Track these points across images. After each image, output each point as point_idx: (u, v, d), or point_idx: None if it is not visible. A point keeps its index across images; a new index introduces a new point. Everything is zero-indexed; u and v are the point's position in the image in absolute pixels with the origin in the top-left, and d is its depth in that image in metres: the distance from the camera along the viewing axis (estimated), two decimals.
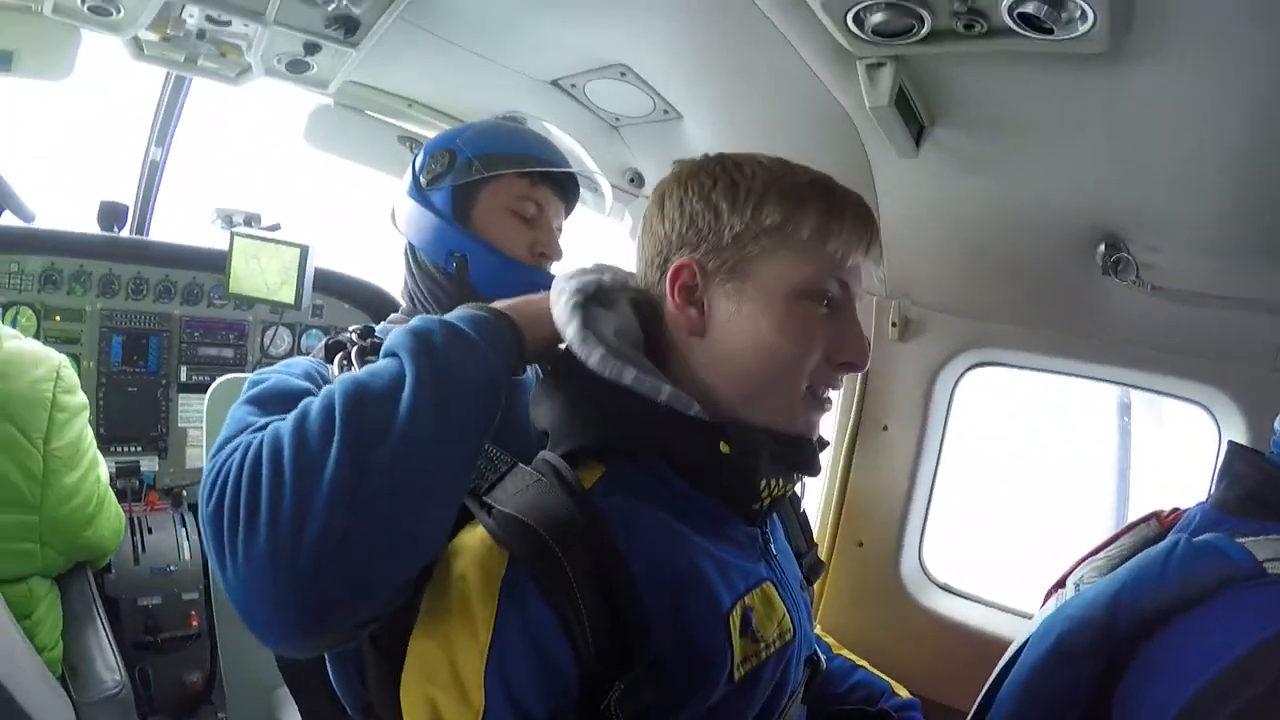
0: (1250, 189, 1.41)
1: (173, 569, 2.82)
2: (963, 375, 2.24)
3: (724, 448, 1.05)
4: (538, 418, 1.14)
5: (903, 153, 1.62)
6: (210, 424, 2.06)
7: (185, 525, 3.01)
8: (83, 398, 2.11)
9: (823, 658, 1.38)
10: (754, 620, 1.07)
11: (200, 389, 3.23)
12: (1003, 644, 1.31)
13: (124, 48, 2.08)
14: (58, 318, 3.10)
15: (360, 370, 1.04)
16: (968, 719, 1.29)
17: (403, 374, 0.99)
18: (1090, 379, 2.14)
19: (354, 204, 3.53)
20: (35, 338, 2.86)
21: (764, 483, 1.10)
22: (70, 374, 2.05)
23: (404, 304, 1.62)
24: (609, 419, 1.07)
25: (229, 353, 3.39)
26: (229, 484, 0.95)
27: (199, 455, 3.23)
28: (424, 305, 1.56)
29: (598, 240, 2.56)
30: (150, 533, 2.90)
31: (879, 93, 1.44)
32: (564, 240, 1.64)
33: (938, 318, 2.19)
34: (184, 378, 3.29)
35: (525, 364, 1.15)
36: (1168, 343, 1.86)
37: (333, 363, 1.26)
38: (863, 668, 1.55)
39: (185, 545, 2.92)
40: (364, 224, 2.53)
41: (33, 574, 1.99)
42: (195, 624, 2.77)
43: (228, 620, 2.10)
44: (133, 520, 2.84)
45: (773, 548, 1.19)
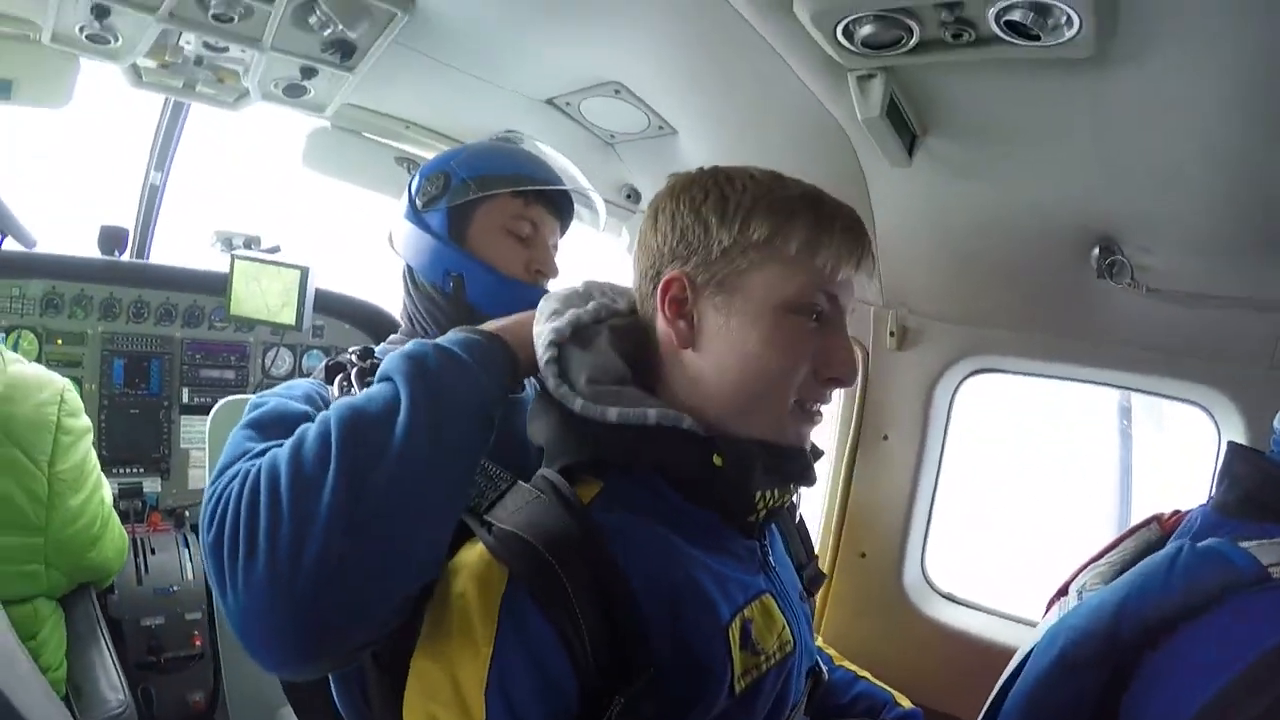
0: (1240, 187, 1.41)
1: (175, 589, 2.81)
2: (962, 383, 2.25)
3: (716, 460, 1.05)
4: (534, 434, 1.15)
5: (896, 163, 1.62)
6: (213, 445, 2.08)
7: (188, 546, 3.00)
8: (86, 421, 2.12)
9: (825, 669, 1.39)
10: (754, 632, 1.07)
11: (202, 410, 3.22)
12: (1007, 652, 1.31)
13: (122, 75, 2.08)
14: (60, 341, 3.10)
15: (356, 395, 1.07)
16: None
17: (397, 398, 1.01)
18: (1089, 383, 2.14)
19: (353, 225, 3.54)
20: (37, 361, 2.88)
21: (759, 494, 1.10)
22: (74, 397, 2.07)
23: (403, 325, 1.63)
24: (601, 439, 1.06)
25: (230, 374, 3.39)
26: (228, 512, 0.97)
27: (201, 476, 3.24)
28: (423, 326, 1.56)
29: (596, 256, 2.58)
30: (153, 553, 2.89)
31: (870, 104, 1.45)
32: (562, 256, 1.65)
33: (935, 326, 2.20)
34: (186, 399, 3.29)
35: (520, 382, 1.16)
36: (1164, 344, 1.86)
37: (333, 384, 1.27)
38: (865, 679, 1.54)
39: (188, 566, 2.91)
40: (363, 245, 2.53)
41: (38, 595, 2.00)
42: (198, 644, 2.76)
43: (231, 640, 2.10)
44: (135, 541, 2.84)
45: (771, 560, 1.19)
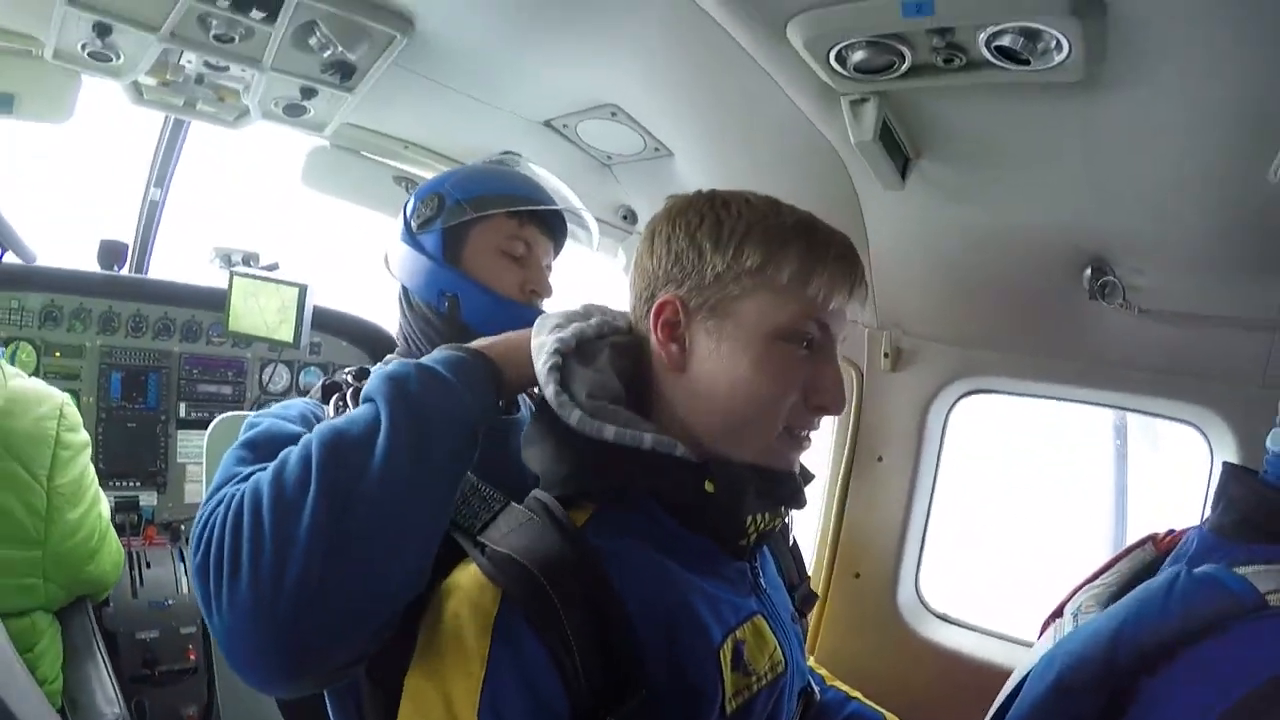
0: (1230, 208, 1.43)
1: (170, 603, 2.82)
2: (955, 403, 2.26)
3: (709, 486, 1.05)
4: (529, 459, 1.14)
5: (889, 186, 1.64)
6: (210, 461, 2.08)
7: (183, 560, 3.00)
8: (85, 436, 2.12)
9: (816, 689, 1.39)
10: (745, 653, 1.07)
11: (199, 425, 3.24)
12: (1002, 673, 1.31)
13: (123, 92, 2.10)
14: (58, 354, 3.12)
15: (338, 417, 1.08)
16: None
17: (378, 420, 1.02)
18: (1082, 402, 2.15)
19: (351, 243, 3.55)
20: (35, 373, 2.91)
21: (749, 519, 1.11)
22: (73, 412, 2.08)
23: (400, 345, 1.64)
24: (595, 465, 1.07)
25: (228, 389, 3.40)
26: (213, 536, 0.99)
27: (197, 490, 3.24)
28: (418, 345, 1.57)
29: (593, 276, 2.59)
30: (149, 567, 2.90)
31: (863, 128, 1.46)
32: (560, 276, 1.67)
33: (929, 347, 2.21)
34: (183, 414, 3.30)
35: (509, 400, 1.17)
36: (1156, 363, 1.87)
37: (329, 404, 1.28)
38: (856, 699, 1.54)
39: (183, 580, 2.91)
40: (361, 263, 2.55)
41: (35, 608, 2.00)
42: (193, 658, 2.75)
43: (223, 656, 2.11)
44: (131, 554, 2.84)
45: (763, 581, 1.20)
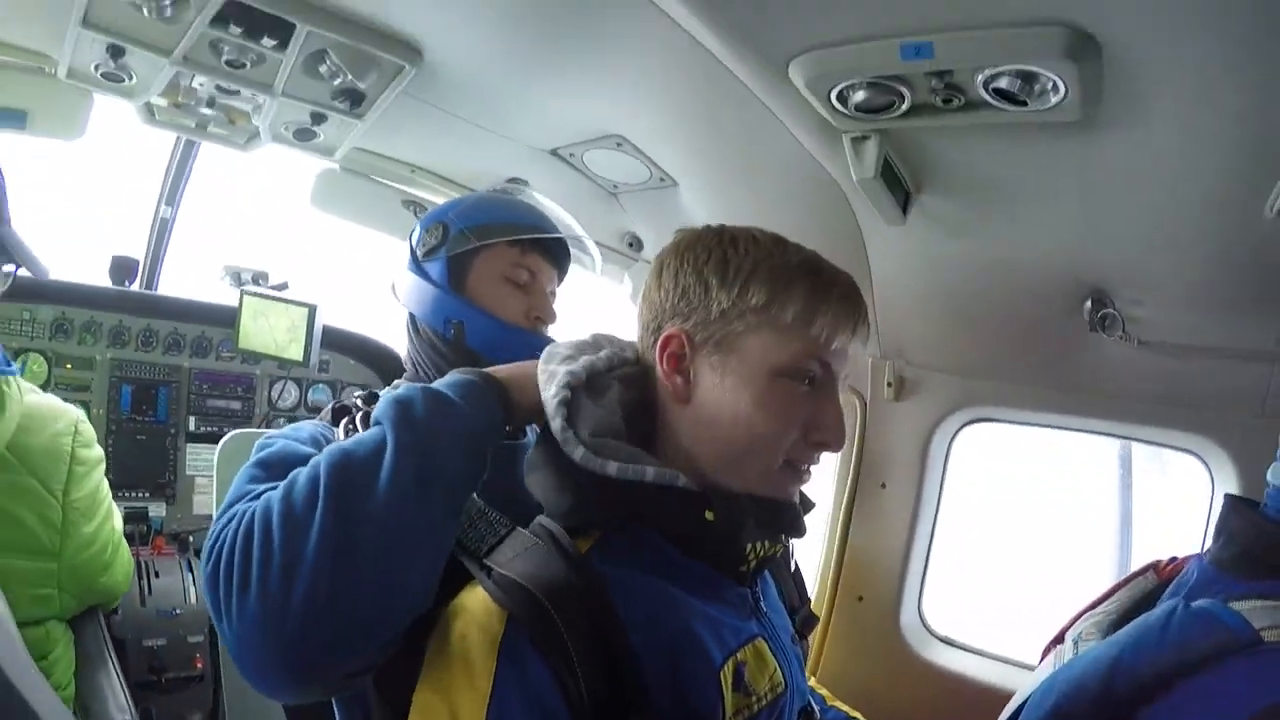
0: (1227, 242, 1.44)
1: (178, 611, 2.82)
2: (958, 432, 2.27)
3: (709, 515, 1.07)
4: (531, 486, 1.16)
5: (890, 221, 1.65)
6: (220, 476, 2.12)
7: (191, 570, 3.01)
8: (99, 451, 2.15)
9: (817, 709, 1.41)
10: (746, 674, 1.09)
11: (208, 439, 3.28)
12: (1004, 696, 1.32)
13: (136, 112, 2.12)
14: (69, 366, 3.14)
15: (347, 440, 1.10)
16: None
17: (384, 442, 1.05)
18: (1083, 431, 2.16)
19: (359, 264, 3.58)
20: (46, 384, 2.93)
21: (749, 546, 1.12)
22: (88, 428, 2.10)
23: (408, 370, 1.67)
24: (598, 498, 1.09)
25: (237, 405, 3.43)
26: (224, 551, 1.03)
27: (206, 502, 3.27)
28: (425, 371, 1.59)
29: (600, 303, 2.61)
30: (157, 576, 2.91)
31: (865, 165, 1.47)
32: (568, 301, 1.69)
33: (932, 377, 2.23)
34: (192, 427, 3.32)
35: (519, 427, 1.19)
36: (1157, 394, 1.88)
37: (338, 426, 1.30)
38: (856, 719, 1.56)
39: (191, 589, 2.92)
40: (369, 283, 2.57)
41: (50, 618, 2.02)
42: (199, 666, 2.76)
43: (232, 663, 2.11)
44: (140, 564, 2.84)
45: (763, 605, 1.22)
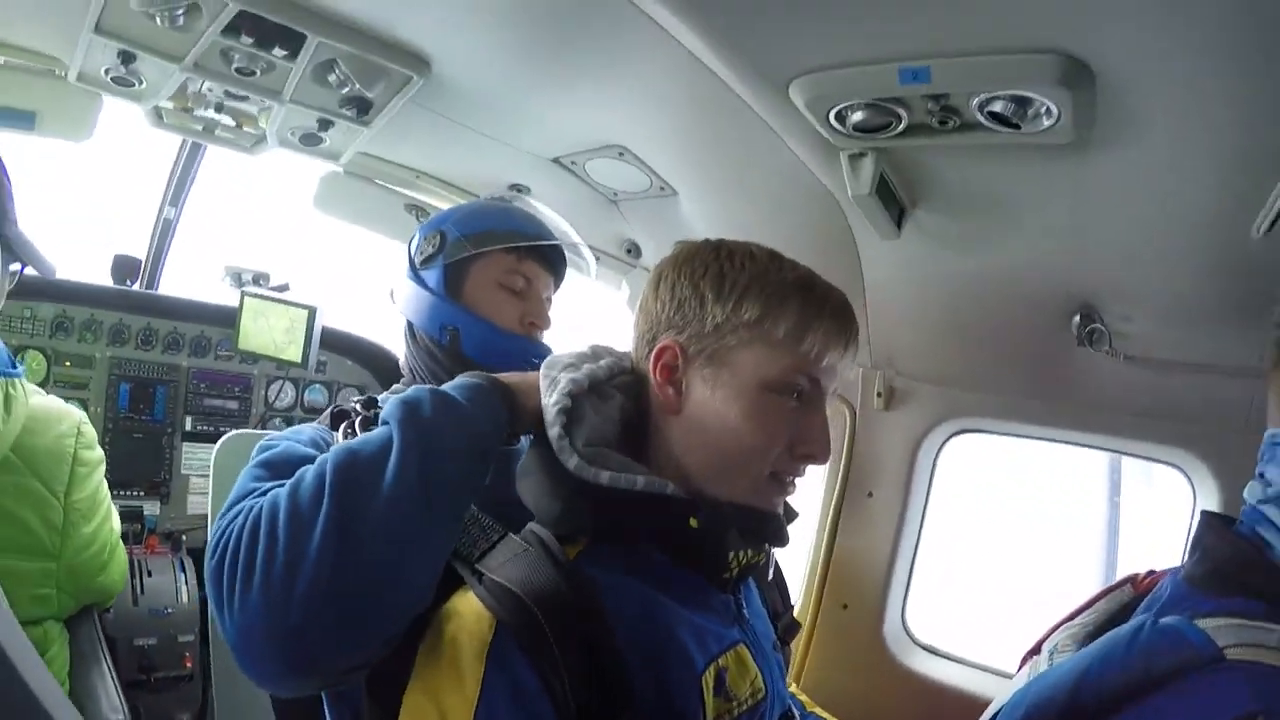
0: (1214, 260, 1.47)
1: (170, 611, 2.82)
2: (945, 442, 2.30)
3: (692, 522, 1.10)
4: (522, 491, 1.19)
5: (885, 235, 1.68)
6: (217, 476, 2.13)
7: (184, 569, 3.01)
8: (100, 452, 2.16)
9: (797, 714, 1.44)
10: (728, 680, 1.12)
11: (204, 438, 3.28)
12: (985, 704, 1.32)
13: (144, 115, 2.14)
14: (68, 363, 3.14)
15: (353, 440, 1.13)
16: None
17: (390, 441, 1.08)
18: (1069, 444, 2.19)
19: (360, 266, 3.60)
20: (44, 382, 2.93)
21: (732, 555, 1.15)
22: (90, 430, 2.11)
23: (405, 375, 1.69)
24: (589, 506, 1.11)
25: (234, 405, 3.42)
26: (229, 544, 1.05)
27: (200, 501, 3.28)
28: (422, 376, 1.62)
29: (598, 307, 2.64)
30: (150, 575, 2.90)
31: (861, 181, 1.50)
32: (568, 306, 1.71)
33: (921, 387, 2.26)
34: (189, 427, 3.32)
35: (521, 428, 1.22)
36: (1142, 408, 1.91)
37: (338, 430, 1.32)
38: None
39: (183, 589, 2.92)
40: (369, 286, 2.58)
41: (48, 617, 2.03)
42: (189, 665, 2.75)
43: (223, 663, 2.12)
44: (133, 563, 2.82)
45: (746, 612, 1.24)
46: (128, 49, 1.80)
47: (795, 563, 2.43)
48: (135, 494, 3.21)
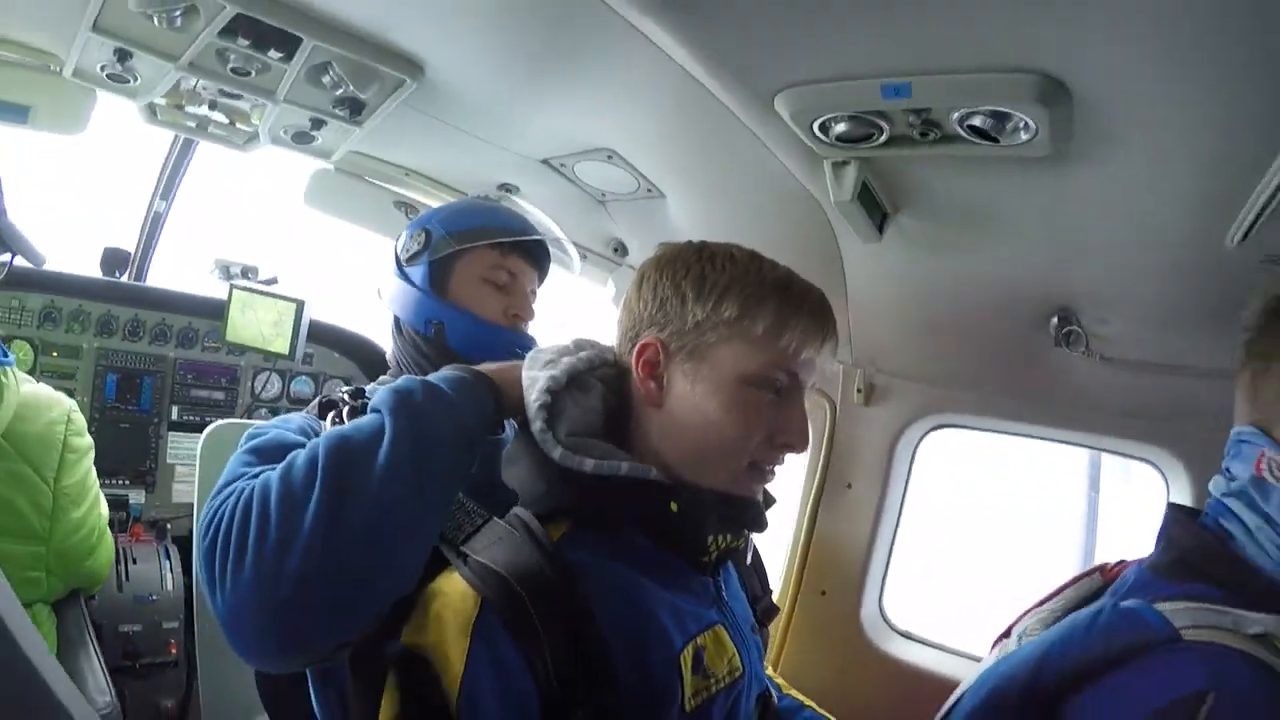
0: (1187, 268, 1.52)
1: (155, 598, 2.84)
2: (924, 437, 2.35)
3: (672, 506, 1.14)
4: (509, 478, 1.23)
5: (867, 239, 1.71)
6: (204, 465, 2.16)
7: (169, 557, 3.03)
8: (89, 439, 2.19)
9: (774, 695, 1.48)
10: (705, 659, 1.15)
11: (190, 428, 3.30)
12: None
13: (138, 111, 2.15)
14: (55, 354, 3.15)
15: (345, 425, 1.16)
16: None
17: (382, 428, 1.11)
18: (1045, 440, 2.23)
19: (350, 261, 3.61)
20: (31, 372, 2.93)
21: (711, 539, 1.19)
22: (79, 417, 2.14)
23: (392, 368, 1.73)
24: (575, 492, 1.15)
25: (220, 395, 3.43)
26: (222, 523, 1.08)
27: (186, 490, 3.30)
28: (408, 369, 1.65)
29: (584, 304, 2.66)
30: (135, 563, 2.92)
31: (844, 189, 1.53)
32: (556, 302, 1.74)
33: (901, 384, 2.30)
34: (175, 417, 3.34)
35: (504, 419, 1.25)
36: (1117, 407, 1.97)
37: (325, 419, 1.34)
38: (810, 708, 1.62)
39: (168, 576, 2.94)
40: (356, 280, 2.60)
41: (37, 601, 2.05)
42: (174, 652, 2.78)
43: (209, 649, 2.12)
44: (119, 550, 2.84)
45: (725, 595, 1.28)
46: (124, 47, 1.81)
47: (775, 551, 2.47)
48: (121, 483, 3.22)
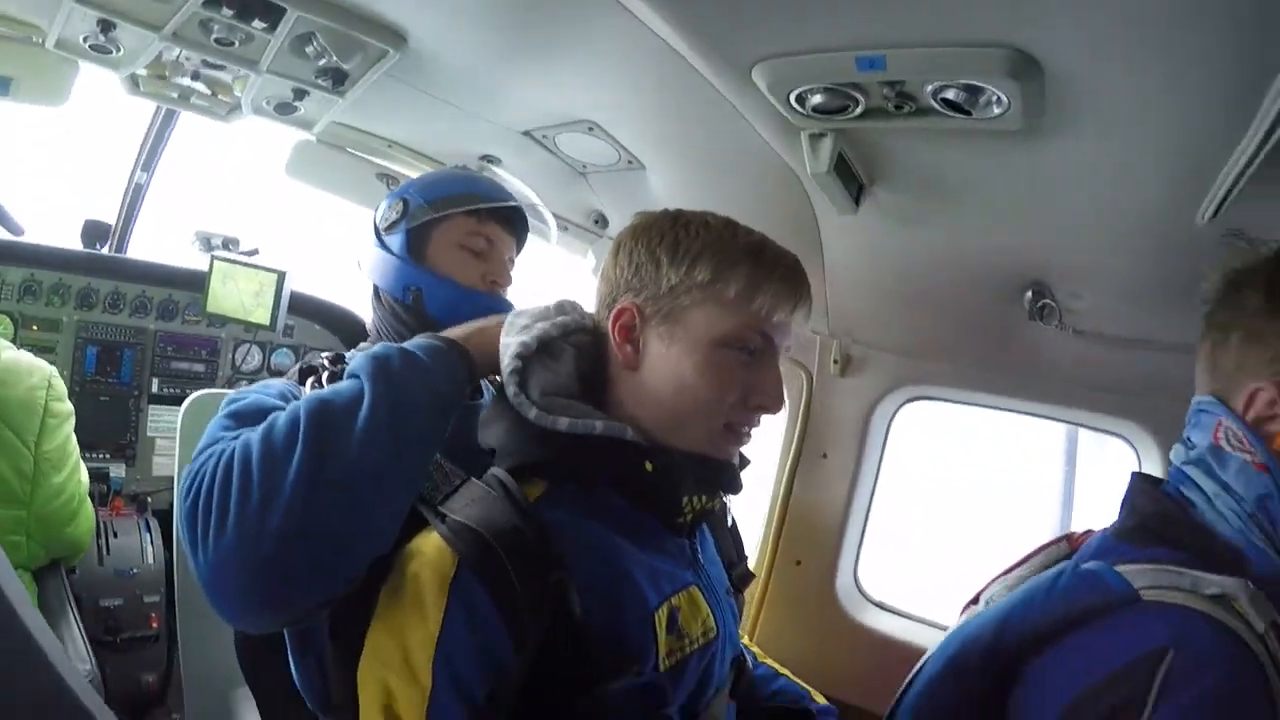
0: (1161, 241, 1.54)
1: (135, 571, 2.85)
2: (899, 409, 2.39)
3: (647, 466, 1.17)
4: (485, 439, 1.25)
5: (843, 210, 1.73)
6: (184, 435, 2.16)
7: (149, 531, 3.04)
8: (69, 405, 2.21)
9: (749, 660, 1.52)
10: (680, 619, 1.18)
11: (170, 400, 3.29)
12: None
13: (120, 82, 2.14)
14: (35, 327, 3.14)
15: (324, 389, 1.18)
16: None
17: (361, 392, 1.14)
18: (1018, 413, 2.28)
19: (332, 233, 3.60)
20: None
21: (686, 500, 1.22)
22: (60, 383, 2.16)
23: (371, 335, 1.74)
24: (550, 445, 1.17)
25: (200, 367, 3.43)
26: (203, 483, 1.10)
27: (166, 464, 3.31)
28: (388, 336, 1.66)
29: (565, 275, 2.68)
30: (115, 536, 2.93)
31: (820, 160, 1.55)
32: (535, 275, 1.76)
33: (877, 355, 2.34)
34: (155, 389, 3.33)
35: (477, 385, 1.29)
36: (1089, 380, 2.01)
37: (305, 385, 1.37)
38: (784, 675, 1.66)
39: (149, 550, 2.95)
40: (339, 251, 2.60)
41: (17, 567, 2.08)
42: (155, 626, 2.80)
43: (190, 622, 2.13)
44: (99, 524, 2.84)
45: (701, 557, 1.31)
46: (107, 17, 1.80)
47: (751, 521, 2.50)
48: (101, 456, 3.22)
